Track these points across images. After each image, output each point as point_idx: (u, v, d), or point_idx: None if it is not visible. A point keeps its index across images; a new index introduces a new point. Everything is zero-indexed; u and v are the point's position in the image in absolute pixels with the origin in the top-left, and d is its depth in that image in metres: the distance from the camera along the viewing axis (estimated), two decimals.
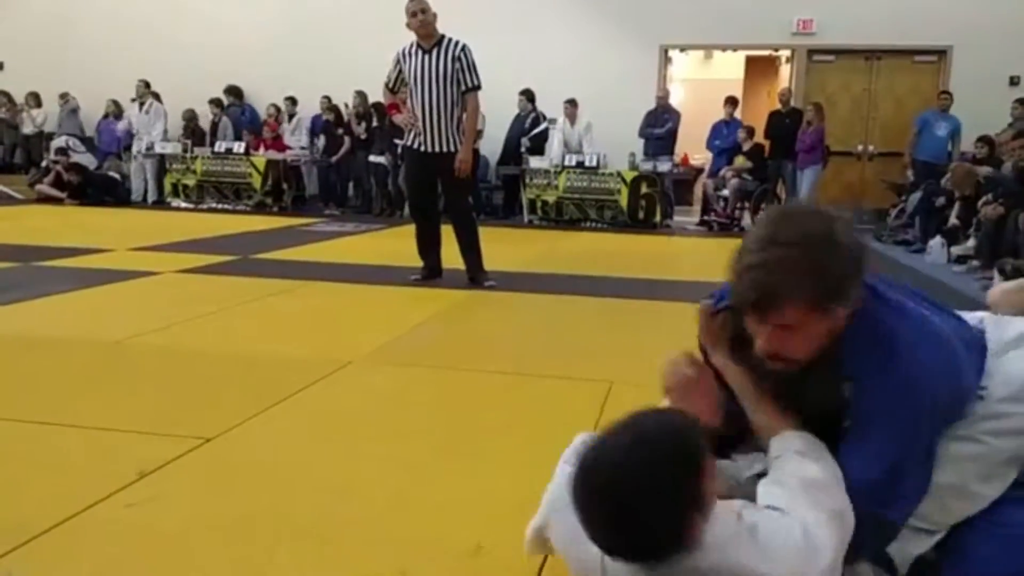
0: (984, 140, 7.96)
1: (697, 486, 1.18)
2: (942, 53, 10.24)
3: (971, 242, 6.93)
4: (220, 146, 11.00)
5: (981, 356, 1.45)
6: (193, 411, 2.62)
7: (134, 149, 11.27)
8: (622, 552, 1.22)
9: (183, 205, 10.79)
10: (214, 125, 11.61)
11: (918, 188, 8.57)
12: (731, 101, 10.36)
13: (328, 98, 11.07)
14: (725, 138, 10.15)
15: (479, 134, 9.33)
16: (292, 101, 11.37)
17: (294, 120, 11.41)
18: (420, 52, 4.91)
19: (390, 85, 5.12)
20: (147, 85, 11.34)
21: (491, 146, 10.58)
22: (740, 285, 1.28)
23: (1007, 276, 5.39)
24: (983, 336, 1.49)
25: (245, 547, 1.74)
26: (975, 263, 6.63)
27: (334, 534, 1.81)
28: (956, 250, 7.16)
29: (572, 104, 10.09)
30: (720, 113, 10.31)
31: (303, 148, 11.36)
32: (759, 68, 12.46)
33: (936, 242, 7.40)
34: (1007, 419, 1.39)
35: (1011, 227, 6.02)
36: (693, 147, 11.20)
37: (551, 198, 9.83)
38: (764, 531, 1.23)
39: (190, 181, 10.85)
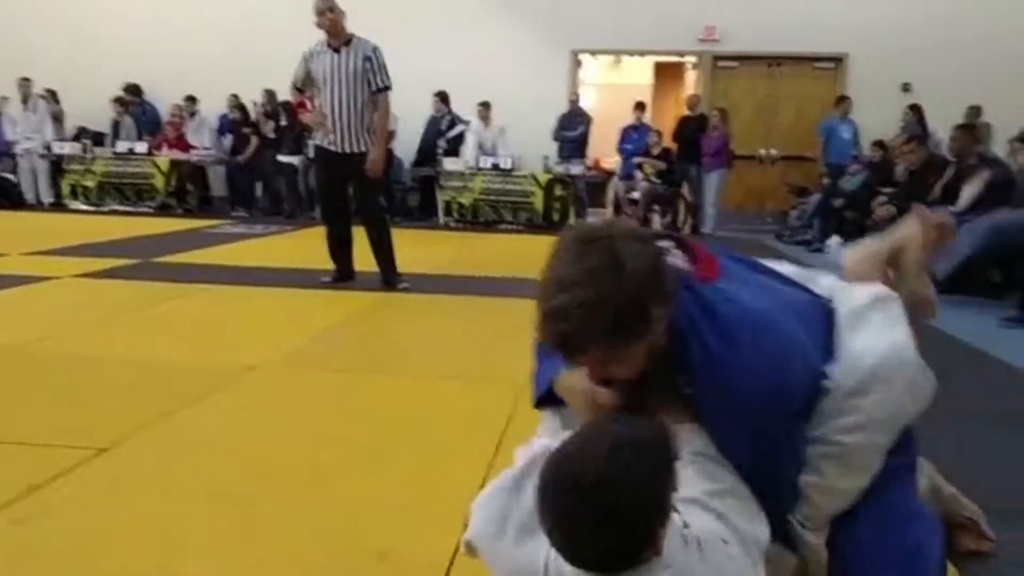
0: (878, 144, 8.35)
1: (668, 492, 1.16)
2: (839, 60, 10.70)
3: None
4: (121, 146, 10.58)
5: (829, 329, 1.47)
6: (88, 420, 2.51)
7: (18, 149, 10.66)
8: (600, 561, 1.16)
9: (82, 207, 10.31)
10: (115, 124, 11.15)
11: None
12: (639, 106, 10.58)
13: (236, 96, 10.79)
14: (635, 142, 10.35)
15: (391, 135, 9.26)
16: (192, 100, 11.02)
17: (196, 119, 11.06)
18: (329, 51, 4.83)
19: (297, 84, 5.02)
20: (29, 82, 10.68)
21: (405, 148, 10.51)
22: (543, 333, 1.25)
23: None
24: (830, 305, 1.51)
25: (138, 563, 1.67)
26: None
27: (235, 544, 1.76)
28: None
29: (485, 107, 10.13)
30: (630, 117, 10.51)
31: (207, 148, 11.02)
32: (667, 74, 12.77)
33: (834, 241, 7.72)
34: (855, 414, 1.38)
35: None
36: (604, 150, 11.38)
37: (467, 200, 9.83)
38: (708, 547, 1.22)
39: (90, 182, 10.40)
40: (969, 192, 5.86)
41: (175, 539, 1.78)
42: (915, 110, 8.83)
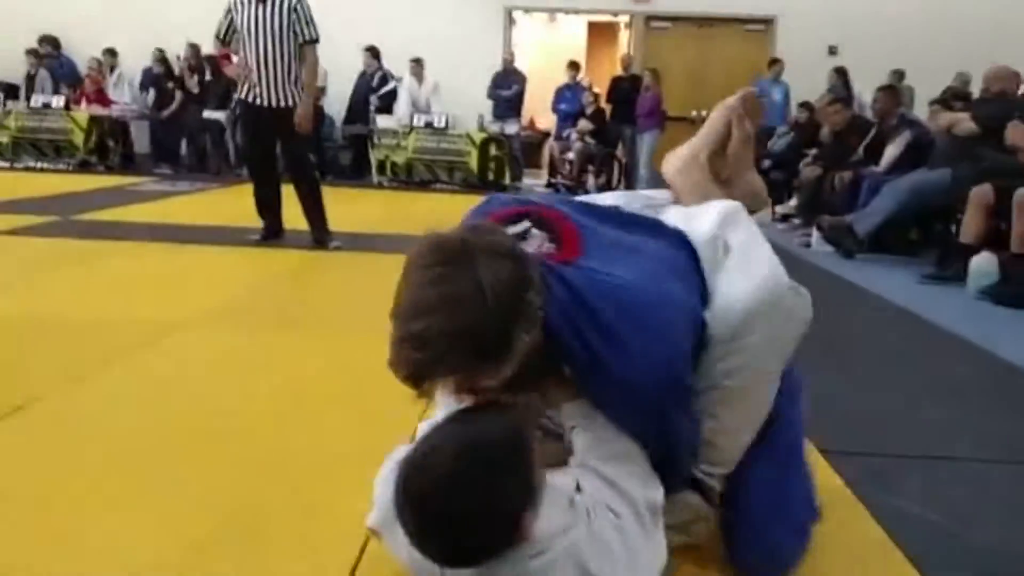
0: (805, 106, 8.50)
1: (527, 481, 1.15)
2: (768, 22, 10.82)
3: (793, 201, 7.43)
4: (37, 100, 10.09)
5: (696, 272, 1.44)
6: (4, 379, 2.41)
7: None
8: (458, 562, 1.17)
9: None
10: (30, 78, 10.61)
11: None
12: (573, 65, 10.54)
13: (160, 50, 10.38)
14: (569, 101, 10.33)
15: (321, 90, 9.05)
16: (112, 53, 10.56)
17: (115, 73, 10.61)
18: (253, 2, 4.67)
19: (220, 35, 4.85)
20: None
21: (337, 104, 10.29)
22: (395, 358, 1.14)
23: (823, 232, 5.83)
24: (690, 244, 1.48)
25: (59, 520, 1.63)
26: (796, 221, 7.12)
27: (153, 501, 1.73)
28: (780, 209, 7.67)
29: (418, 63, 9.96)
30: (564, 77, 10.47)
31: (128, 103, 10.60)
32: (601, 34, 12.72)
33: None
34: (738, 355, 1.38)
35: (828, 187, 6.49)
36: (540, 111, 11.33)
37: (400, 159, 9.68)
38: (597, 520, 1.22)
39: (3, 138, 9.89)
40: (891, 153, 6.04)
41: (91, 495, 1.74)
42: (840, 73, 9.00)
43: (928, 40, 9.80)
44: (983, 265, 4.49)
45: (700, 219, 1.53)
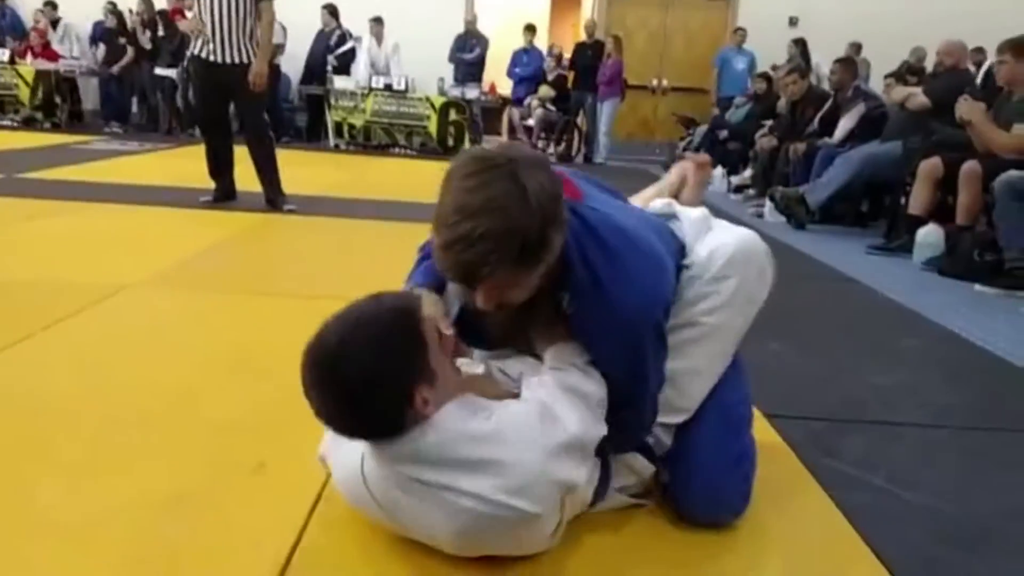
0: (763, 76, 8.55)
1: (417, 359, 1.26)
2: None
3: (748, 172, 7.50)
4: None
5: (671, 238, 1.60)
6: None
7: None
8: (355, 431, 1.29)
9: None
10: None
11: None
12: (530, 29, 10.42)
13: (112, 3, 10.04)
14: (525, 66, 10.25)
15: (277, 48, 8.86)
16: (52, 5, 10.19)
17: (60, 26, 10.25)
18: None
19: None
20: None
21: (294, 64, 10.08)
22: (443, 263, 1.22)
23: (776, 203, 5.91)
24: (669, 221, 1.68)
25: (3, 483, 1.60)
26: (751, 192, 7.20)
27: (106, 462, 1.70)
28: (735, 180, 7.73)
29: (378, 22, 9.77)
30: (522, 41, 10.37)
31: (76, 58, 10.25)
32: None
33: (717, 172, 7.93)
34: (716, 296, 1.55)
35: (782, 158, 6.56)
36: (500, 76, 11.23)
37: (358, 122, 9.53)
38: (499, 416, 1.30)
39: None
40: (845, 124, 6.11)
41: (38, 461, 1.70)
42: (799, 44, 9.06)
43: (886, 14, 9.91)
44: (929, 236, 4.59)
45: (687, 209, 1.75)
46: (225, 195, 4.97)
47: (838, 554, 1.53)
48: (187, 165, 5.98)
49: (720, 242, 1.60)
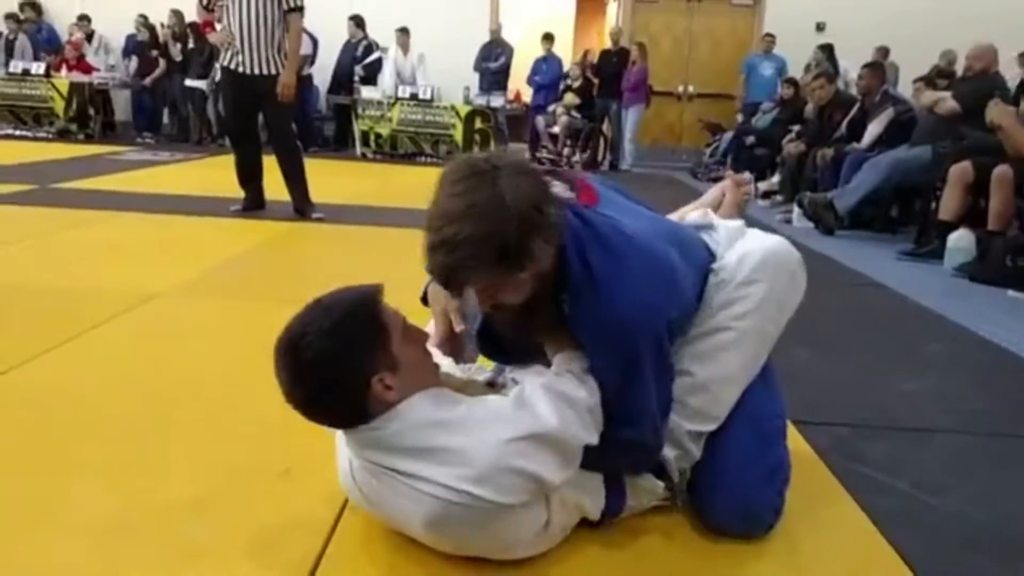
0: (790, 82, 8.50)
1: (376, 344, 1.31)
2: None
3: (776, 178, 7.45)
4: (16, 66, 9.92)
5: (699, 249, 1.61)
6: None
7: None
8: (320, 416, 1.35)
9: None
10: (9, 43, 10.42)
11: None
12: (548, 37, 10.41)
13: (144, 16, 10.23)
14: (544, 74, 10.27)
15: (306, 59, 8.96)
16: (86, 19, 10.39)
17: (95, 39, 10.45)
18: None
19: (204, 2, 4.80)
20: None
21: (322, 74, 10.19)
22: (428, 266, 1.27)
23: (804, 209, 5.86)
24: (702, 230, 1.70)
25: (38, 484, 1.64)
26: (779, 198, 7.15)
27: (136, 465, 1.74)
28: (762, 185, 7.68)
29: (404, 33, 9.85)
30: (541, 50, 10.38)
31: (109, 69, 10.44)
32: (589, 6, 12.64)
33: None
34: (747, 301, 1.54)
35: (810, 164, 6.51)
36: (525, 84, 11.26)
37: (385, 131, 9.61)
38: (468, 405, 1.33)
39: None
40: (873, 130, 6.06)
41: (70, 463, 1.74)
42: (825, 49, 8.98)
43: (915, 18, 9.80)
44: (960, 242, 4.53)
45: (725, 220, 1.79)
46: (254, 204, 5.04)
47: (865, 560, 1.52)
48: (217, 175, 6.06)
49: (750, 248, 1.60)
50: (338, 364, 1.28)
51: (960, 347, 3.05)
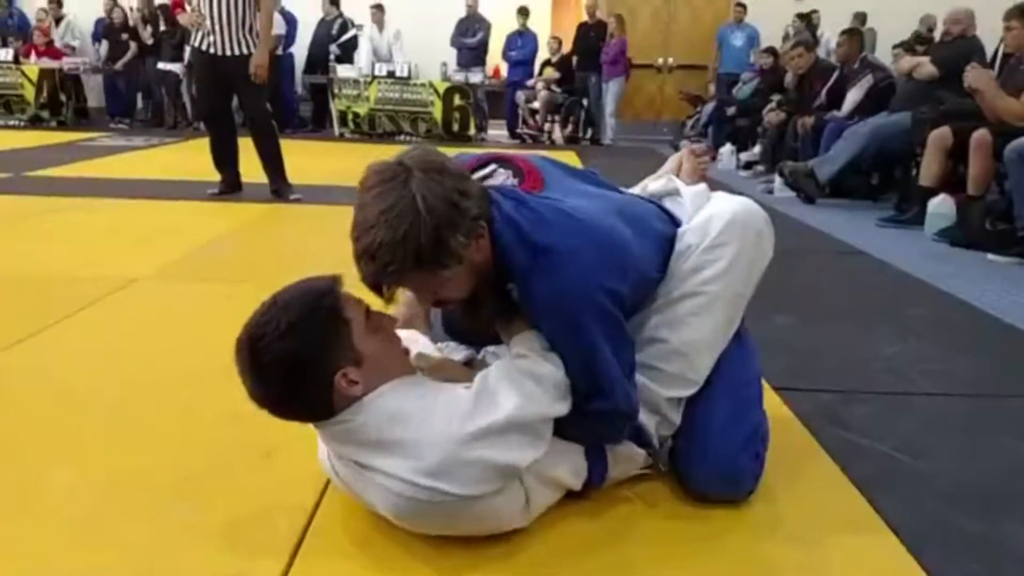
0: (769, 51, 8.47)
1: (338, 339, 1.28)
2: None
3: (757, 148, 7.45)
4: None
5: (656, 220, 1.60)
6: None
7: None
8: (285, 414, 1.34)
9: None
10: None
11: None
12: (523, 12, 10.28)
13: (114, 0, 10.06)
14: (520, 49, 10.18)
15: (279, 39, 8.85)
16: (58, 3, 10.21)
17: (63, 24, 10.26)
18: None
19: None
20: None
21: (297, 54, 10.06)
22: (359, 272, 1.29)
23: (785, 178, 5.86)
24: (666, 198, 1.72)
25: (16, 468, 1.62)
26: (760, 168, 7.15)
27: (117, 449, 1.72)
28: (744, 156, 7.68)
29: (379, 9, 9.74)
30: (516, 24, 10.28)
31: (79, 56, 10.27)
32: None
33: (726, 149, 7.89)
34: (716, 264, 1.54)
35: (791, 133, 6.51)
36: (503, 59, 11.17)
37: (362, 110, 9.51)
38: (432, 398, 1.32)
39: None
40: (852, 97, 6.05)
41: (50, 448, 1.72)
42: (804, 18, 8.95)
43: None
44: (940, 207, 4.55)
45: (688, 186, 1.78)
46: (231, 187, 4.98)
47: (847, 523, 1.53)
48: (193, 158, 5.99)
49: (716, 211, 1.59)
50: (299, 364, 1.26)
51: (940, 311, 3.06)
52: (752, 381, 1.62)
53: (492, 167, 1.51)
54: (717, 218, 1.57)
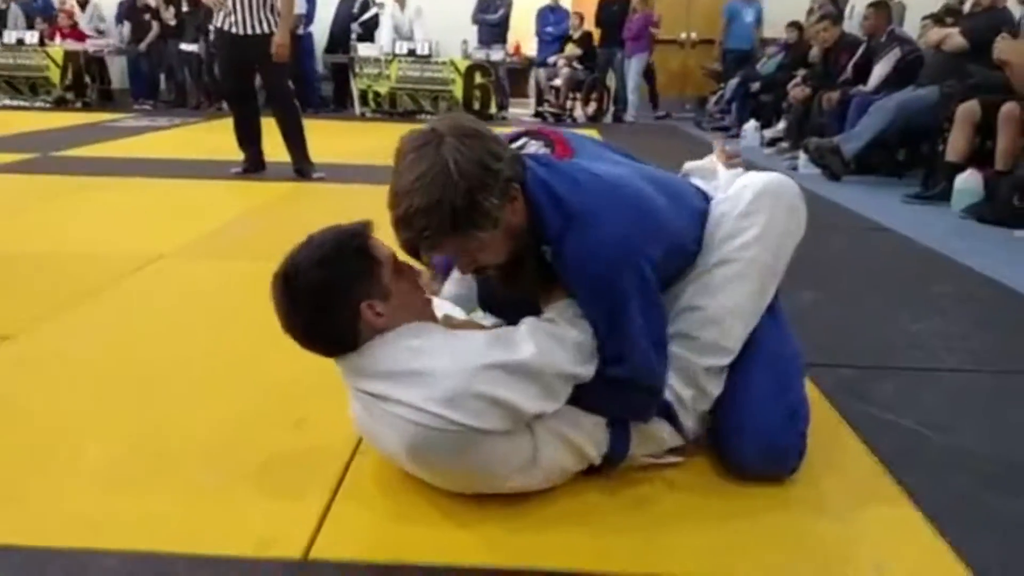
0: (794, 25, 8.34)
1: (366, 273, 1.35)
2: None
3: (782, 124, 7.36)
4: (10, 36, 9.81)
5: (690, 196, 1.62)
6: None
7: None
8: (313, 343, 1.40)
9: None
10: (2, 13, 10.31)
11: (733, 76, 8.94)
12: None
13: None
14: (553, 24, 10.09)
15: (300, 18, 8.84)
16: None
17: (89, 7, 10.32)
18: None
19: None
20: None
21: (318, 33, 10.05)
22: (397, 241, 1.33)
23: (810, 155, 5.80)
24: (705, 178, 1.75)
25: (54, 449, 1.65)
26: (784, 144, 7.07)
27: (146, 420, 1.76)
28: (768, 133, 7.59)
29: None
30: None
31: (104, 37, 10.34)
32: None
33: (750, 126, 7.80)
34: (750, 230, 1.55)
35: (816, 108, 6.43)
36: (525, 36, 11.09)
37: (383, 89, 9.49)
38: (448, 335, 1.38)
39: None
40: (879, 71, 5.96)
41: (81, 421, 1.76)
42: None
43: None
44: (967, 183, 4.48)
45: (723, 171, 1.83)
46: (254, 166, 5.01)
47: (871, 498, 1.53)
48: (216, 138, 6.03)
49: (748, 181, 1.62)
50: (329, 291, 1.33)
51: (966, 287, 3.03)
52: (793, 356, 1.61)
53: (523, 140, 1.55)
54: (749, 188, 1.59)
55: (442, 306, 1.57)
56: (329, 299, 1.33)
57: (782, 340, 1.60)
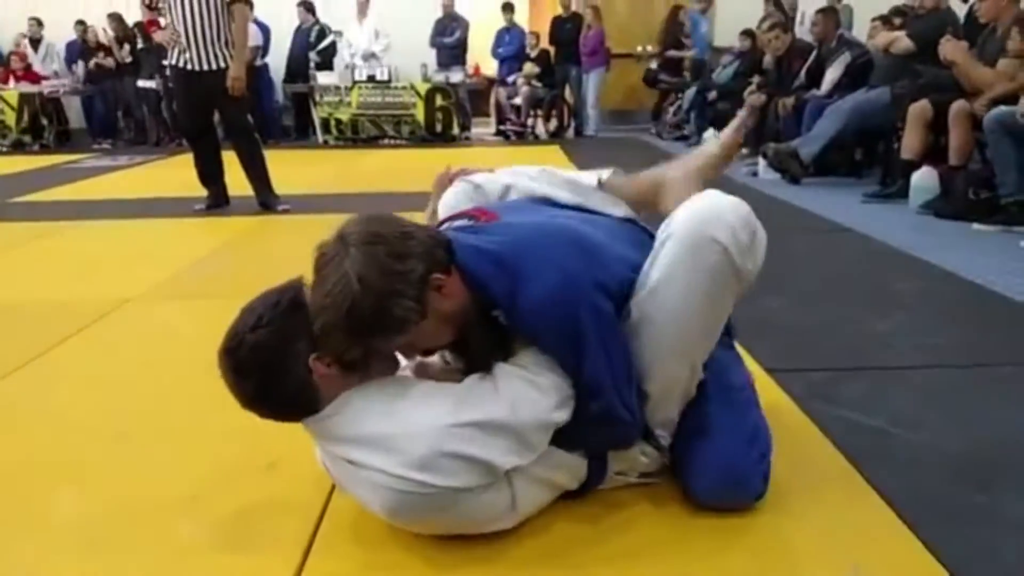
0: (747, 33, 8.47)
1: (304, 327, 1.30)
2: None
3: None
4: None
5: (631, 231, 1.60)
6: None
7: None
8: (271, 413, 1.38)
9: None
10: None
11: (689, 85, 9.06)
12: (508, 7, 10.29)
13: (82, 22, 10.02)
14: (507, 45, 10.17)
15: (256, 50, 8.82)
16: (38, 23, 10.16)
17: (42, 46, 10.23)
18: None
19: (147, 1, 4.70)
20: None
21: (276, 63, 10.03)
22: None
23: (769, 160, 5.89)
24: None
25: (24, 495, 1.63)
26: (744, 151, 7.15)
27: (120, 469, 1.74)
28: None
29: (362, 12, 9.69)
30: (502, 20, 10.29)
31: (59, 78, 10.25)
32: None
33: (709, 134, 7.88)
34: (648, 286, 1.43)
35: (772, 114, 6.53)
36: (484, 57, 11.15)
37: (345, 116, 9.49)
38: (413, 392, 1.35)
39: None
40: (831, 75, 6.08)
41: (53, 471, 1.73)
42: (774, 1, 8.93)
43: None
44: (923, 180, 4.58)
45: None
46: (218, 201, 4.99)
47: (843, 499, 1.55)
48: (178, 175, 5.98)
49: (675, 227, 1.43)
50: (271, 350, 1.30)
51: (928, 283, 3.09)
52: (743, 387, 1.60)
53: (455, 223, 1.56)
54: (671, 239, 1.42)
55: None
56: (274, 359, 1.30)
57: (733, 370, 1.59)
